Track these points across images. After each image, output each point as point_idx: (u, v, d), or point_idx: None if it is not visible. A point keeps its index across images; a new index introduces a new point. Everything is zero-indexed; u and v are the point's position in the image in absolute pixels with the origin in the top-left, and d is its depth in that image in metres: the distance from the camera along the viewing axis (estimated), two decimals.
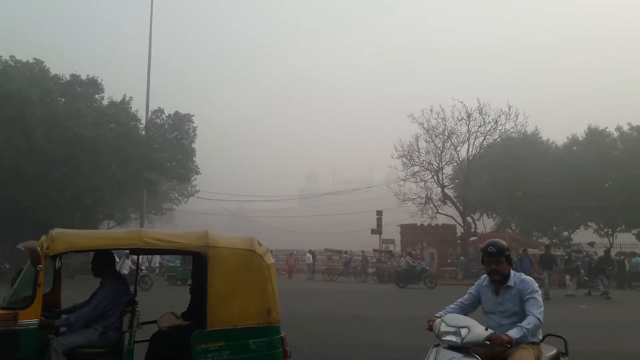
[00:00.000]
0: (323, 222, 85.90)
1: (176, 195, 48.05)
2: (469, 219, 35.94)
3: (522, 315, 3.47)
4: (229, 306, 4.00)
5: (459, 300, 3.82)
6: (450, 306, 3.77)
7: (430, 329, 3.50)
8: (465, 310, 3.76)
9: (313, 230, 77.59)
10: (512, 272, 3.62)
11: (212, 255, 4.02)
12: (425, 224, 35.32)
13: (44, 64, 30.03)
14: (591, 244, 32.77)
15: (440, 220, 35.96)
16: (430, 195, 35.48)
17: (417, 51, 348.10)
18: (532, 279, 3.59)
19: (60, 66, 34.61)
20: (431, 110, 34.33)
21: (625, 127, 36.43)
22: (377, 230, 33.28)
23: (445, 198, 35.59)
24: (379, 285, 26.62)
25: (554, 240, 37.18)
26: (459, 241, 35.11)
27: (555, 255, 22.84)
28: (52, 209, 26.15)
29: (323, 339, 9.15)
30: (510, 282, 3.57)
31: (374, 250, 34.12)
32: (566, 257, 22.46)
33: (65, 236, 4.08)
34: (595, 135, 36.74)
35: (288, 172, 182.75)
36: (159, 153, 31.51)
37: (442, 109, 34.26)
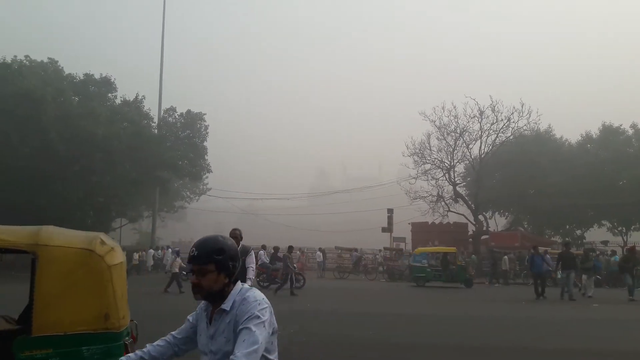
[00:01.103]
0: (333, 220, 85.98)
1: (188, 193, 48.46)
2: (480, 217, 35.76)
3: None
4: (59, 310, 3.66)
5: (173, 332, 2.53)
6: (156, 342, 2.50)
7: None
8: (175, 347, 2.47)
9: (323, 228, 77.70)
10: (239, 287, 2.31)
11: (42, 255, 3.67)
12: (437, 222, 35.22)
13: (58, 64, 30.47)
14: (605, 243, 32.45)
15: (452, 218, 35.83)
16: (442, 193, 35.39)
17: (429, 48, 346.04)
18: (259, 299, 2.25)
19: (74, 66, 35.02)
20: (443, 108, 34.30)
21: None
22: (388, 229, 33.24)
23: (456, 196, 35.46)
24: (389, 283, 26.60)
25: (567, 239, 36.86)
26: (470, 239, 34.95)
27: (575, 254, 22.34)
28: (66, 207, 26.52)
29: (331, 336, 9.19)
30: (227, 304, 2.25)
31: (385, 249, 34.11)
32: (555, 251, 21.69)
33: None
34: (609, 133, 36.36)
35: (299, 170, 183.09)
36: (171, 151, 31.79)
37: (454, 107, 34.20)
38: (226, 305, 2.26)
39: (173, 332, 2.51)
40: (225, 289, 2.28)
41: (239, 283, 2.33)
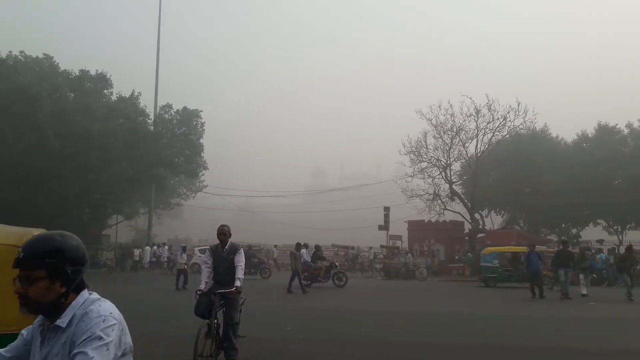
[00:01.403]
0: (330, 217, 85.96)
1: (184, 190, 48.32)
2: (477, 215, 35.83)
3: None
4: None
5: (2, 349, 2.05)
6: None
7: None
8: None
9: (320, 225, 77.70)
10: (83, 298, 1.84)
11: None
12: (433, 220, 35.24)
13: (54, 60, 30.27)
14: (600, 242, 32.56)
15: (448, 216, 35.85)
16: (438, 191, 35.43)
17: (429, 48, 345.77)
18: (105, 314, 1.78)
19: (69, 62, 34.86)
20: (439, 107, 34.29)
21: (636, 124, 36.12)
22: (385, 227, 33.26)
23: (453, 194, 35.52)
24: (385, 281, 26.61)
25: (563, 237, 37.00)
26: (466, 238, 35.02)
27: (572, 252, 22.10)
28: (62, 204, 26.39)
29: (329, 333, 9.18)
30: (63, 320, 1.79)
31: (381, 246, 34.16)
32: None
33: None
34: (605, 132, 36.46)
35: (298, 170, 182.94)
36: (167, 149, 31.69)
37: (451, 105, 34.23)
38: (62, 321, 1.79)
39: (1, 350, 2.03)
40: (62, 300, 1.80)
41: (84, 293, 1.85)
